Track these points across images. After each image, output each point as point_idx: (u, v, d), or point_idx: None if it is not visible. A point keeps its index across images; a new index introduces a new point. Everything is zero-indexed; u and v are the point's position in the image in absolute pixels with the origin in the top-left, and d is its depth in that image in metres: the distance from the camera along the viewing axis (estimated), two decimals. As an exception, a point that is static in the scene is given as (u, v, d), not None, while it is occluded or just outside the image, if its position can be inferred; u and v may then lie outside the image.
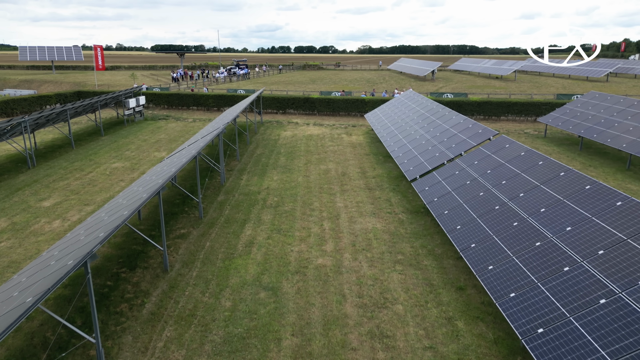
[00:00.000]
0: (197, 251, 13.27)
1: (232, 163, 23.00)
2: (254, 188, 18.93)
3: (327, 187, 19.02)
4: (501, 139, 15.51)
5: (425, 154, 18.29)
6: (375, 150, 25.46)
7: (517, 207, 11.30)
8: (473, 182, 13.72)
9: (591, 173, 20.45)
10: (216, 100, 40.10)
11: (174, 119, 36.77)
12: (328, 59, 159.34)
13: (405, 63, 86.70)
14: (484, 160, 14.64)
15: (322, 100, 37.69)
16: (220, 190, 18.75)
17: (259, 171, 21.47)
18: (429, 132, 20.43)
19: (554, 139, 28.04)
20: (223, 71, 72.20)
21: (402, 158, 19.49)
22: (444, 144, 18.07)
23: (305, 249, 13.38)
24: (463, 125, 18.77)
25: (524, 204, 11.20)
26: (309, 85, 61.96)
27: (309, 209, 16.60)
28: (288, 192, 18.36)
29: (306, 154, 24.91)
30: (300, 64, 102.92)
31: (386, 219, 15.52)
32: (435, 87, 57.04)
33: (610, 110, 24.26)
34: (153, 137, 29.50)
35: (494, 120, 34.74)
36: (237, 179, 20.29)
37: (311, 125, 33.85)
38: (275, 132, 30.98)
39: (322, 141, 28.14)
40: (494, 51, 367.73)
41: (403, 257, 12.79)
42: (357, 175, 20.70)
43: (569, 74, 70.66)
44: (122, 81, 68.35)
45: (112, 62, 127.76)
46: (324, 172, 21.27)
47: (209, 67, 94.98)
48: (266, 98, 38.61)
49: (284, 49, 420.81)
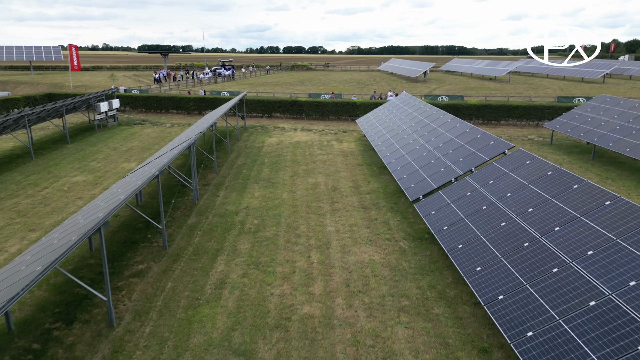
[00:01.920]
0: (155, 295, 10.76)
1: (209, 176, 20.47)
2: (232, 207, 16.44)
3: (315, 206, 16.61)
4: (519, 153, 13.21)
5: (427, 168, 15.94)
6: (368, 159, 23.10)
7: (553, 245, 8.97)
8: (491, 208, 11.39)
9: (610, 187, 18.28)
10: (197, 103, 37.47)
11: (151, 123, 34.09)
12: (317, 60, 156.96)
13: (396, 64, 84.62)
14: (501, 180, 12.32)
15: (311, 104, 35.28)
16: (192, 210, 16.23)
17: (239, 186, 18.97)
18: (430, 142, 18.10)
19: (561, 146, 25.92)
20: (208, 72, 69.42)
21: (401, 172, 17.13)
22: (449, 157, 15.74)
23: (289, 290, 10.94)
24: (470, 134, 16.47)
25: (563, 243, 8.88)
26: (297, 86, 59.50)
27: (295, 234, 14.16)
28: (270, 213, 15.91)
29: (293, 164, 22.47)
30: (288, 65, 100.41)
31: (385, 248, 13.14)
32: (428, 89, 54.91)
33: (626, 115, 22.17)
34: (125, 145, 26.83)
35: (493, 125, 32.59)
36: (213, 195, 17.77)
37: (299, 130, 31.40)
38: (259, 139, 28.49)
39: (311, 149, 25.72)
40: (482, 52, 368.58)
41: (408, 302, 10.41)
42: (350, 191, 18.31)
43: (563, 75, 69.05)
44: (102, 82, 65.33)
45: (95, 62, 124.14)
46: (313, 187, 18.85)
47: (194, 68, 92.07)
48: (250, 101, 36.09)
49: (272, 49, 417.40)
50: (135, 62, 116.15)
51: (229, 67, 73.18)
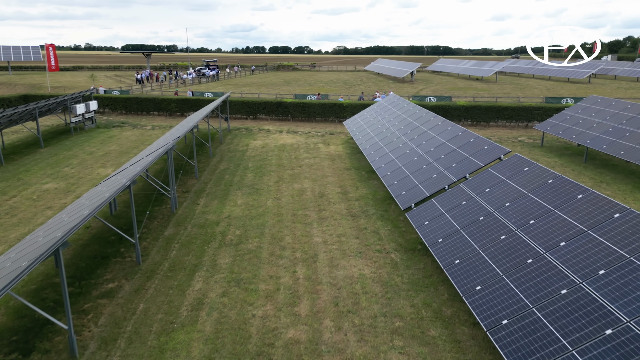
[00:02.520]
0: (125, 319, 9.79)
1: (190, 182, 19.46)
2: (212, 217, 15.49)
3: (301, 214, 15.74)
4: (516, 159, 12.50)
5: (419, 174, 15.18)
6: (356, 163, 22.30)
7: (560, 263, 8.23)
8: (489, 219, 10.64)
9: (605, 191, 17.74)
10: (179, 105, 36.31)
11: (131, 126, 32.86)
12: (303, 60, 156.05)
13: (382, 64, 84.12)
14: (498, 188, 11.59)
15: (297, 105, 34.38)
16: (169, 220, 15.24)
17: (221, 193, 18.01)
18: (421, 145, 17.35)
19: (552, 148, 25.42)
20: (191, 72, 68.06)
21: (391, 178, 16.35)
22: (441, 163, 15.00)
23: (272, 311, 10.06)
24: (462, 138, 15.74)
25: (570, 260, 8.15)
26: (283, 87, 58.56)
27: (279, 246, 13.27)
28: (254, 222, 14.99)
29: (278, 168, 21.56)
30: (274, 65, 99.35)
31: (376, 261, 12.33)
32: (416, 89, 54.41)
33: (618, 117, 21.71)
34: (102, 149, 25.65)
35: (482, 126, 32.05)
36: (193, 204, 16.79)
37: (284, 132, 30.49)
38: (243, 142, 27.51)
39: (297, 152, 24.83)
40: (466, 52, 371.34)
41: (402, 323, 9.60)
42: (338, 197, 17.48)
43: (549, 76, 69.19)
44: (82, 83, 63.69)
45: (76, 62, 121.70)
46: (299, 193, 17.98)
47: (177, 68, 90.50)
48: (235, 102, 35.06)
49: (258, 49, 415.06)
50: (118, 62, 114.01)
51: (213, 67, 71.90)
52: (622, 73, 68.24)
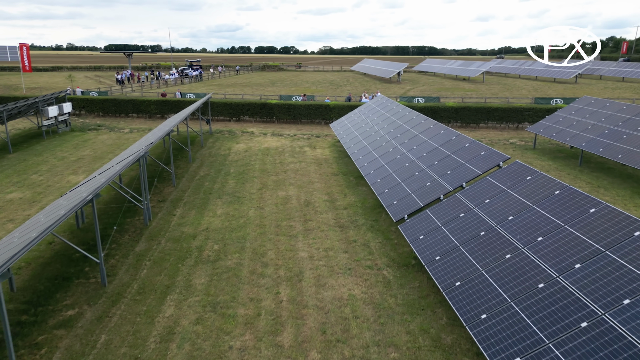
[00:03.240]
0: (84, 355, 8.59)
1: (166, 190, 18.23)
2: (189, 229, 14.30)
3: (286, 225, 14.64)
4: (516, 166, 11.56)
5: (411, 181, 14.18)
6: (344, 168, 21.26)
7: (576, 289, 7.27)
8: (491, 234, 9.66)
9: (604, 197, 16.96)
10: (159, 107, 34.90)
11: (108, 129, 31.39)
12: (289, 60, 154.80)
13: (369, 64, 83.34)
14: (499, 199, 10.63)
15: (282, 106, 33.23)
16: (142, 234, 14.02)
17: (199, 202, 16.82)
18: (412, 150, 16.37)
19: (544, 150, 24.68)
20: (174, 72, 66.41)
21: (381, 185, 15.33)
22: (435, 170, 14.02)
23: (252, 342, 8.94)
24: (457, 143, 14.79)
25: (589, 286, 7.19)
26: (268, 87, 57.35)
27: (261, 262, 12.16)
28: (234, 235, 13.85)
29: (262, 174, 20.42)
30: (259, 65, 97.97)
31: (367, 279, 11.29)
32: (403, 90, 53.65)
33: (614, 119, 21.01)
34: (75, 154, 24.23)
35: (472, 128, 31.27)
36: (168, 214, 15.58)
37: (269, 135, 29.33)
38: (225, 145, 26.28)
39: (282, 156, 23.71)
40: (451, 52, 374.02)
41: (398, 354, 8.56)
42: (325, 205, 16.42)
43: (535, 76, 69.05)
44: (60, 84, 61.89)
45: (56, 62, 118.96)
46: (283, 201, 16.87)
47: (160, 68, 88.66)
48: (217, 103, 33.78)
49: (244, 49, 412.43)
50: (99, 63, 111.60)
51: (196, 68, 70.32)
52: (608, 73, 68.40)
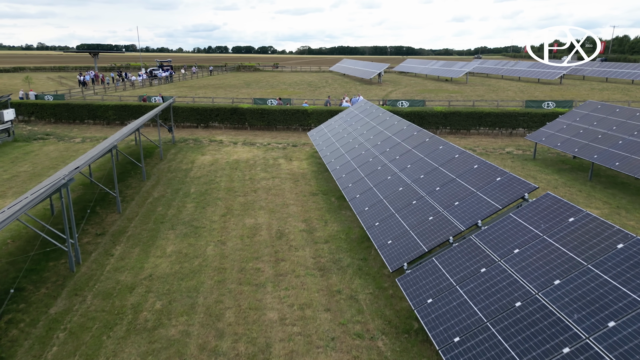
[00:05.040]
0: None
1: (109, 218, 15.02)
2: (127, 277, 11.18)
3: (252, 268, 11.65)
4: (549, 201, 8.83)
5: (408, 213, 11.34)
6: (324, 185, 18.36)
7: None
8: (532, 307, 6.87)
9: (629, 221, 14.45)
10: (118, 112, 31.40)
11: (57, 138, 27.81)
12: (267, 60, 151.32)
13: (348, 64, 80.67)
14: (533, 249, 7.86)
15: (255, 112, 30.14)
16: (64, 285, 10.84)
17: (147, 235, 13.68)
18: (406, 170, 13.55)
19: (546, 161, 22.22)
20: (142, 73, 62.51)
21: (370, 215, 12.45)
22: (437, 198, 11.21)
23: None
24: (462, 163, 12.03)
25: None
26: (243, 89, 54.12)
27: (215, 330, 9.15)
28: (184, 286, 10.80)
29: (227, 195, 17.37)
30: (234, 65, 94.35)
31: (356, 356, 8.39)
32: (384, 92, 51.09)
33: (627, 127, 18.63)
34: (10, 171, 20.72)
35: (463, 135, 28.73)
36: (105, 254, 12.41)
37: (239, 144, 26.22)
38: (188, 157, 23.08)
39: (253, 171, 20.67)
40: (429, 52, 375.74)
41: None
42: (301, 238, 13.48)
43: (518, 76, 67.43)
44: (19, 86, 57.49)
45: (19, 62, 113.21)
46: (251, 232, 13.87)
47: (129, 69, 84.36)
48: (183, 109, 30.50)
49: (221, 49, 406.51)
50: (65, 63, 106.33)
51: (166, 68, 66.52)
52: (591, 73, 67.25)
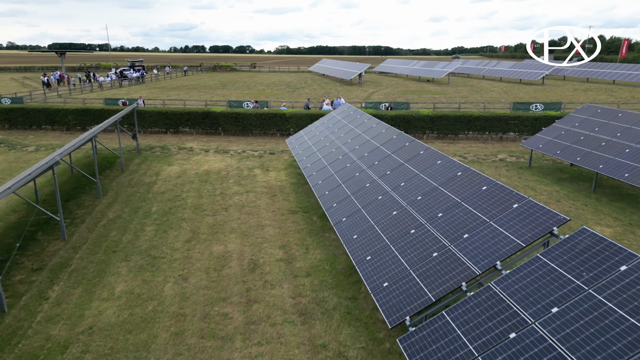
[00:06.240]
0: None
1: (50, 247, 12.72)
2: (60, 332, 8.99)
3: (217, 315, 9.58)
4: (587, 238, 7.03)
5: (406, 246, 9.43)
6: (304, 201, 16.38)
7: None
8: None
9: (646, 242, 12.87)
10: (79, 117, 28.80)
11: (8, 146, 25.14)
12: (245, 59, 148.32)
13: (328, 64, 78.76)
14: (580, 310, 6.02)
15: (229, 116, 27.93)
16: (-23, 346, 8.59)
17: (94, 269, 11.47)
18: (399, 189, 11.66)
19: (543, 169, 20.67)
20: (111, 74, 59.41)
21: (360, 247, 10.50)
22: (440, 227, 9.33)
23: None
24: (467, 182, 10.18)
25: None
26: (218, 90, 51.70)
27: (166, 410, 7.06)
28: (131, 342, 8.67)
29: (194, 214, 15.23)
30: (210, 65, 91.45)
31: None
32: (366, 93, 49.35)
33: (632, 134, 17.15)
34: (-55, 186, 18.08)
35: (451, 140, 27.09)
36: (39, 297, 10.18)
37: (211, 152, 24.01)
38: (153, 169, 20.79)
39: (225, 184, 18.55)
40: (407, 52, 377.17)
41: None
42: (278, 270, 11.47)
43: (500, 77, 66.56)
44: (-25, 87, 53.96)
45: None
46: (219, 264, 11.80)
47: (99, 69, 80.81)
48: (150, 113, 28.09)
49: (198, 48, 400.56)
50: (32, 63, 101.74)
51: (138, 68, 63.51)
52: (571, 73, 66.86)
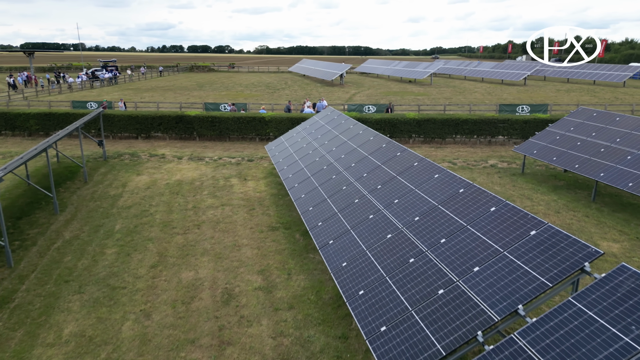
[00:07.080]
0: None
1: (-8, 278, 11.00)
2: (-11, 394, 7.37)
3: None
4: (629, 278, 5.79)
5: (407, 279, 8.08)
6: (286, 214, 14.94)
7: None
8: None
9: (658, 259, 11.81)
10: (41, 122, 26.76)
11: (-40, 154, 23.03)
12: (224, 59, 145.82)
13: (308, 65, 77.34)
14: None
15: (204, 120, 26.28)
16: None
17: (40, 305, 9.82)
18: (392, 207, 10.32)
19: (536, 176, 19.65)
20: (82, 75, 56.87)
21: (352, 278, 9.11)
22: (443, 256, 8.02)
23: None
24: (472, 202, 8.90)
25: None
26: (195, 91, 49.81)
27: None
28: (76, 406, 7.10)
29: (163, 232, 13.64)
30: (187, 65, 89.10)
31: None
32: (348, 95, 48.12)
33: (632, 139, 16.20)
34: None
35: (438, 144, 25.96)
36: (-33, 347, 8.50)
37: (185, 160, 22.35)
38: (120, 179, 19.07)
39: (198, 196, 16.98)
40: (386, 52, 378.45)
41: None
42: (257, 302, 10.00)
43: (481, 77, 66.17)
44: (-64, 88, 50.98)
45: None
46: (188, 295, 10.27)
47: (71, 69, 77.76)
48: (119, 117, 26.23)
49: (176, 48, 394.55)
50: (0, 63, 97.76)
51: (111, 69, 61.05)
52: (552, 74, 66.89)
